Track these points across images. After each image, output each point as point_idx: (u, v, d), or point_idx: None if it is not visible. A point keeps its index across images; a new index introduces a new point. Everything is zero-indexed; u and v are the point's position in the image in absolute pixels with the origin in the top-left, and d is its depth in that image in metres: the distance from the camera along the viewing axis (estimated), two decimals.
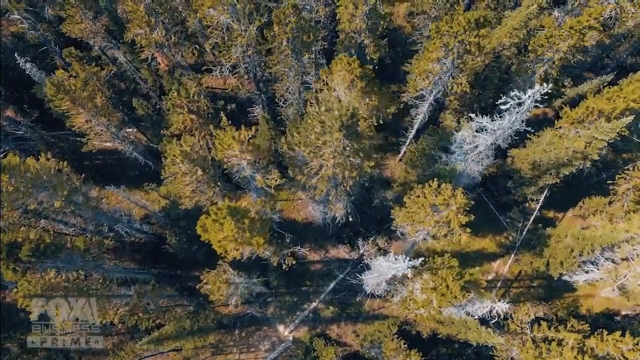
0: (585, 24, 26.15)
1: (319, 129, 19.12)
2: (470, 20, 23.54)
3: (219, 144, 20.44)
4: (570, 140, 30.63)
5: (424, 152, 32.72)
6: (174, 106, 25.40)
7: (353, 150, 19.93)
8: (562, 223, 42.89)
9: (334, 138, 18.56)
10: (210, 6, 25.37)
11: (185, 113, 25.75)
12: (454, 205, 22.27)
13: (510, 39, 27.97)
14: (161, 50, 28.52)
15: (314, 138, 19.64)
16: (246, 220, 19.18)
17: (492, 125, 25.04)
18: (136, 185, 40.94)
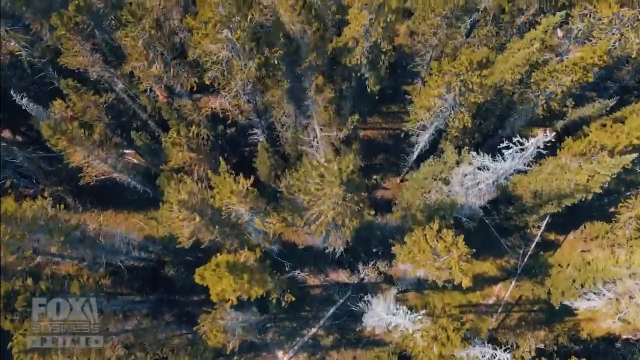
0: (589, 61, 25.81)
1: (318, 180, 18.87)
2: (473, 61, 23.21)
3: (217, 193, 20.18)
4: (572, 172, 30.35)
5: (425, 182, 32.42)
6: (173, 145, 25.12)
7: (354, 201, 19.69)
8: (563, 246, 42.71)
9: (334, 193, 18.34)
10: (210, 42, 24.98)
11: (185, 151, 25.48)
12: (456, 253, 22.02)
13: (512, 76, 27.62)
14: (160, 82, 28.15)
15: (313, 189, 19.40)
16: (245, 275, 18.97)
17: (494, 165, 24.76)
18: (135, 208, 40.72)
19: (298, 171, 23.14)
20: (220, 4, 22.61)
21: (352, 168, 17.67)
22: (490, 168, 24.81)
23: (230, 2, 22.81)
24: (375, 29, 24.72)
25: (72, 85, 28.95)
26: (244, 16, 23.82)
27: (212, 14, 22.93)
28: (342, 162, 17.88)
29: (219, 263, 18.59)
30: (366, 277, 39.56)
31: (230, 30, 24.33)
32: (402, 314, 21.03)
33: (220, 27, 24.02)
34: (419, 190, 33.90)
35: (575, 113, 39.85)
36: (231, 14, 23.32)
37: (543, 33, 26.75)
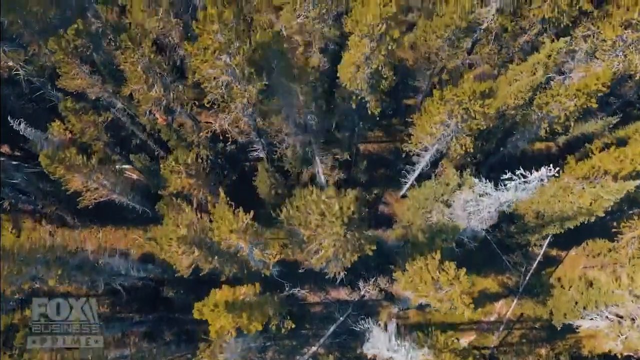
0: (593, 87, 25.53)
1: (319, 217, 18.64)
2: (476, 91, 22.93)
3: (216, 228, 19.95)
4: (575, 195, 30.08)
5: (426, 203, 32.18)
6: (171, 172, 24.88)
7: (355, 238, 19.46)
8: (565, 262, 42.48)
9: (334, 231, 18.11)
10: (209, 67, 24.72)
11: (184, 178, 25.24)
12: (458, 287, 21.79)
13: (515, 101, 27.33)
14: (159, 104, 27.91)
15: (313, 225, 19.17)
16: (244, 314, 18.76)
17: (496, 194, 24.52)
18: (134, 225, 40.49)
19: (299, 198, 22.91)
20: (219, 32, 22.30)
21: (353, 209, 17.43)
22: (493, 196, 24.55)
23: (229, 30, 22.53)
24: (376, 56, 24.41)
25: (70, 107, 28.65)
26: (243, 42, 23.55)
27: (211, 41, 22.64)
28: (344, 201, 17.65)
29: (217, 303, 18.38)
30: (367, 295, 39.38)
31: (230, 56, 24.06)
32: (404, 352, 20.81)
33: (219, 53, 23.75)
34: (420, 210, 33.68)
35: (577, 129, 39.64)
36: (230, 40, 23.04)
37: (546, 58, 26.44)
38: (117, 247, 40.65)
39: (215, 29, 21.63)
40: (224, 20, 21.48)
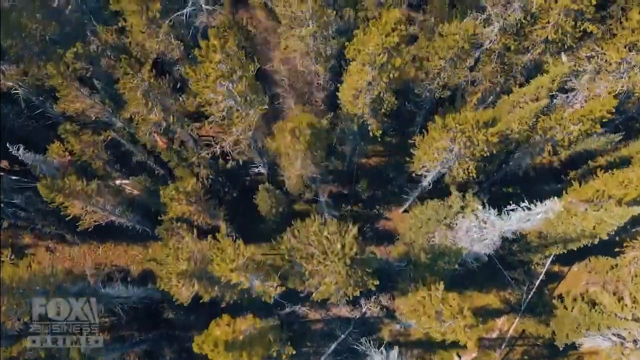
0: (598, 114, 25.28)
1: (320, 255, 18.41)
2: (479, 121, 22.69)
3: (216, 264, 19.71)
4: (579, 217, 29.85)
5: (428, 224, 31.95)
6: (171, 200, 24.65)
7: (357, 275, 19.25)
8: (567, 277, 42.26)
9: (336, 270, 17.89)
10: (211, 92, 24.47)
11: (184, 205, 25.01)
12: (462, 321, 21.57)
13: (519, 126, 27.06)
14: (159, 127, 27.67)
15: (315, 262, 18.96)
16: (245, 352, 18.55)
17: (500, 222, 24.30)
18: (134, 240, 40.25)
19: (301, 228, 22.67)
20: (223, 62, 22.02)
21: (355, 250, 17.20)
22: (496, 225, 24.32)
23: (232, 59, 22.26)
24: (378, 83, 24.16)
25: (70, 129, 28.39)
26: (245, 71, 23.30)
27: (213, 70, 22.38)
28: (346, 239, 17.40)
29: (217, 342, 18.15)
30: (368, 312, 39.18)
31: (232, 83, 23.80)
32: None
33: (222, 80, 23.49)
34: (423, 229, 33.46)
35: (580, 145, 39.33)
36: (232, 69, 22.77)
37: (550, 82, 26.18)
38: (117, 264, 40.73)
39: (217, 59, 21.35)
40: (227, 50, 21.19)
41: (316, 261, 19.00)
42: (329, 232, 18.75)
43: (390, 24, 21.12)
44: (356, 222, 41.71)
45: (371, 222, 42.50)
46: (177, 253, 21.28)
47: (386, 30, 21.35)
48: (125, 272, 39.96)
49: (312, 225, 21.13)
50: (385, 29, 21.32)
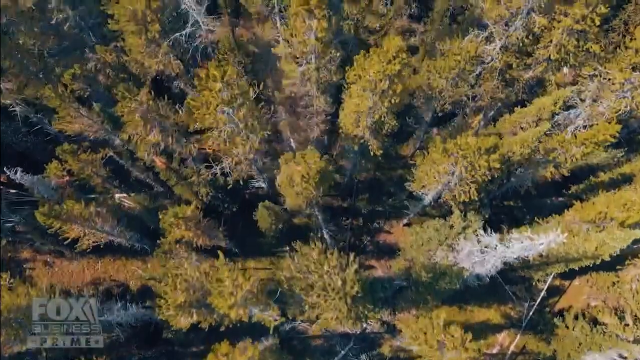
0: (601, 138, 25.04)
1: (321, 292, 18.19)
2: (481, 148, 22.44)
3: (214, 299, 19.49)
4: (581, 238, 29.63)
5: (430, 243, 31.73)
6: (170, 225, 24.44)
7: (358, 310, 19.04)
8: (568, 291, 42.06)
9: (337, 308, 17.69)
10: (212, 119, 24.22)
11: (183, 230, 24.80)
12: (464, 354, 21.35)
13: (521, 149, 26.82)
14: (157, 148, 27.43)
15: (315, 297, 18.74)
16: None
17: (502, 248, 24.09)
18: (133, 255, 40.03)
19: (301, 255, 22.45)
20: (224, 90, 21.74)
21: (357, 289, 16.99)
22: (498, 251, 24.12)
23: (232, 87, 21.99)
24: (379, 107, 23.91)
25: (67, 149, 28.15)
26: (246, 98, 23.04)
27: (214, 98, 22.10)
28: (347, 276, 17.18)
29: None
30: (369, 327, 38.95)
31: (233, 109, 23.54)
32: None
33: (222, 106, 23.23)
34: (424, 247, 33.23)
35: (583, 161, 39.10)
36: (233, 97, 22.49)
37: (553, 105, 25.93)
38: (116, 278, 40.49)
39: (218, 88, 21.08)
40: (227, 80, 20.93)
41: (316, 295, 18.78)
42: (329, 266, 18.51)
43: (391, 51, 20.88)
44: (357, 236, 42.35)
45: (372, 235, 42.32)
46: (175, 282, 21.02)
47: (387, 57, 21.11)
48: (124, 287, 39.80)
49: (312, 253, 20.87)
50: (387, 57, 21.07)
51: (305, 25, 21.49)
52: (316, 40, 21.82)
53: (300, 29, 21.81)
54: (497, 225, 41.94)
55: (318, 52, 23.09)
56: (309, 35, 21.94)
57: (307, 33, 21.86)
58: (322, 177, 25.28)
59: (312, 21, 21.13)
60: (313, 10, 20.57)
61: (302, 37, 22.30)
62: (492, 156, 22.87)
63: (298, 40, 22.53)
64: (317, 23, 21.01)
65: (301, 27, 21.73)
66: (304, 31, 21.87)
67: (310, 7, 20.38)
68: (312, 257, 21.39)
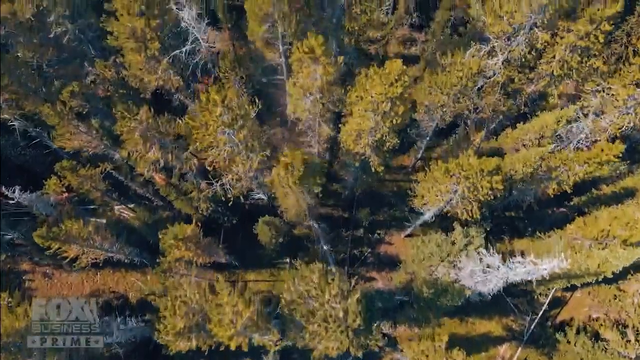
0: (604, 158, 24.82)
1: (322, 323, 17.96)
2: (484, 170, 22.22)
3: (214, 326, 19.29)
4: (583, 255, 29.41)
5: (431, 259, 31.54)
6: (170, 246, 24.22)
7: (360, 340, 18.83)
8: (570, 302, 41.85)
9: (338, 339, 17.48)
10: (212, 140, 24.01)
11: (183, 250, 24.60)
12: None
13: (523, 168, 26.59)
14: (157, 165, 27.20)
15: (315, 324, 18.53)
16: None
17: (504, 269, 23.89)
18: (132, 267, 39.83)
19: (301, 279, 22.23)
20: (225, 113, 21.51)
21: (359, 322, 16.77)
22: (501, 271, 23.92)
23: (233, 110, 21.77)
24: (380, 127, 23.69)
25: (66, 166, 27.93)
26: (246, 120, 22.81)
27: (214, 121, 21.88)
28: (349, 306, 16.96)
29: None
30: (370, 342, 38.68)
31: (233, 131, 23.32)
32: None
33: (222, 128, 23.02)
34: (425, 262, 33.05)
35: None
36: (234, 119, 22.25)
37: (555, 123, 25.70)
38: (115, 290, 40.27)
39: (218, 113, 20.85)
40: (228, 103, 20.70)
41: (316, 324, 18.57)
42: (330, 294, 18.28)
43: (394, 74, 20.64)
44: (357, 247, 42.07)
45: (372, 246, 42.08)
46: (174, 305, 20.81)
47: (389, 80, 20.87)
48: (123, 299, 39.61)
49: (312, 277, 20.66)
50: (389, 79, 20.83)
51: (310, 70, 21.29)
52: (321, 82, 21.60)
53: (306, 73, 21.61)
54: (499, 235, 42.04)
55: (323, 91, 22.84)
56: (314, 78, 21.75)
57: (313, 76, 21.67)
58: (307, 168, 24.43)
59: (317, 67, 20.90)
60: (318, 58, 20.34)
61: (306, 79, 22.12)
62: (494, 177, 22.65)
63: (302, 82, 22.36)
64: (323, 69, 20.81)
65: (307, 72, 21.53)
66: (309, 75, 21.68)
67: (315, 55, 20.16)
68: (313, 280, 21.21)
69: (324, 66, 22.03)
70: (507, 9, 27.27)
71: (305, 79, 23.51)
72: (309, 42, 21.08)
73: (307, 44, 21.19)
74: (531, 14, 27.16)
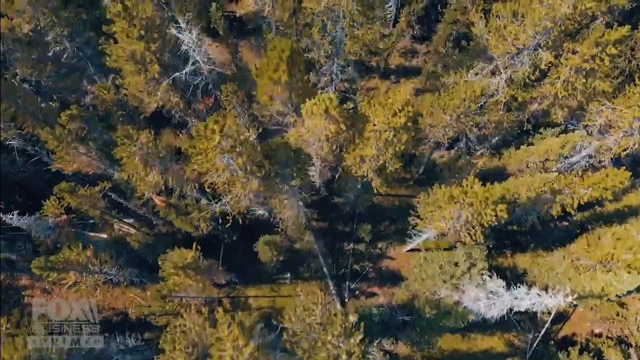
0: (610, 183, 24.52)
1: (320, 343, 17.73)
2: (488, 198, 21.92)
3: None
4: (587, 277, 29.20)
5: (435, 279, 31.25)
6: (169, 275, 23.93)
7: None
8: (572, 317, 41.63)
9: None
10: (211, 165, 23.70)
11: (183, 278, 24.30)
12: None
13: (527, 192, 26.30)
14: (157, 188, 26.91)
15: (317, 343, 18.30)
16: None
17: (509, 296, 23.63)
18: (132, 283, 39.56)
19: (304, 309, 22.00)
20: (223, 141, 21.19)
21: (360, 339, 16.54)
22: (505, 300, 23.65)
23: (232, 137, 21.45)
24: (383, 153, 23.38)
25: (65, 188, 27.61)
26: (246, 146, 22.51)
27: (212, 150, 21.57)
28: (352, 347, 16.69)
29: None
30: (371, 357, 38.47)
31: (232, 157, 23.01)
32: None
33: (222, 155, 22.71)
34: (427, 281, 32.75)
35: None
36: (233, 146, 21.93)
37: (561, 147, 25.39)
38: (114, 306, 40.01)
39: (217, 141, 20.54)
40: (226, 132, 20.39)
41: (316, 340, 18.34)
42: (332, 335, 17.99)
43: (397, 105, 20.32)
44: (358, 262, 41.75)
45: (374, 261, 41.80)
46: (174, 338, 20.56)
47: (393, 110, 20.55)
48: (123, 316, 39.37)
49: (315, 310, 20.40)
50: (392, 109, 20.52)
51: (321, 123, 20.96)
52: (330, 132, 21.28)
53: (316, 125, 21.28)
54: (501, 250, 41.79)
55: (330, 137, 22.53)
56: (324, 129, 21.43)
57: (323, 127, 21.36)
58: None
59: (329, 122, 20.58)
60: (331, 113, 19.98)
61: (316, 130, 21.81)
62: (499, 206, 22.36)
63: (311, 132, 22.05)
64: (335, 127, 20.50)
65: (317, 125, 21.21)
66: (319, 127, 21.36)
67: (329, 113, 19.81)
68: (315, 313, 20.96)
69: (336, 122, 21.61)
70: (512, 29, 26.95)
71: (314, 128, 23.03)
72: (323, 104, 20.41)
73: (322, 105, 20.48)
74: (536, 34, 26.84)
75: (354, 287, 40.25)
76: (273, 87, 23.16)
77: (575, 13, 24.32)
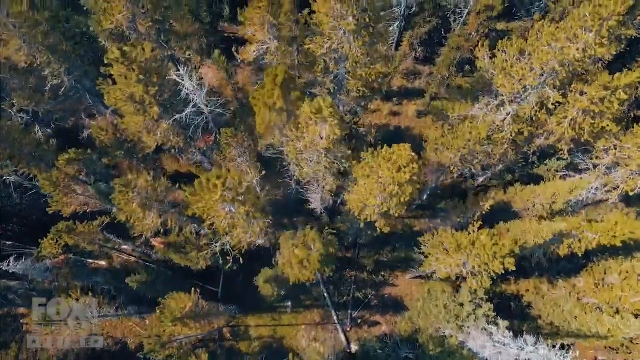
0: (619, 232, 24.00)
1: None
2: (497, 253, 21.41)
3: None
4: (593, 317, 28.72)
5: (439, 316, 30.74)
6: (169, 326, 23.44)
7: None
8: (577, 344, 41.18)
9: None
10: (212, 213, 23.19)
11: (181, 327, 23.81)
12: None
13: (535, 239, 25.77)
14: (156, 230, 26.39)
15: None
16: None
17: (514, 347, 23.13)
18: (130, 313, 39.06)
19: None
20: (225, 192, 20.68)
21: None
22: (512, 349, 23.16)
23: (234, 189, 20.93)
24: (387, 202, 22.86)
25: (62, 228, 27.10)
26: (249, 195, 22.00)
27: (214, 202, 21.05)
28: None
29: None
30: None
31: (234, 205, 22.51)
32: None
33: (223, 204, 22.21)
34: (431, 318, 32.24)
35: None
36: (234, 196, 21.42)
37: (569, 193, 24.87)
38: (113, 335, 39.54)
39: (219, 195, 20.03)
40: (227, 185, 19.88)
41: None
42: None
43: (401, 161, 19.79)
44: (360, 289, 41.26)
45: (376, 289, 41.31)
46: None
47: (397, 165, 20.02)
48: (122, 345, 38.94)
49: None
50: (396, 165, 19.99)
51: (316, 130, 20.40)
52: (327, 142, 20.71)
53: (311, 133, 20.72)
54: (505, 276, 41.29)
55: (329, 150, 21.98)
56: (320, 137, 20.86)
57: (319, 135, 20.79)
58: (323, 261, 24.27)
59: (323, 128, 20.01)
60: (326, 118, 19.44)
61: (311, 140, 21.24)
62: (507, 259, 21.85)
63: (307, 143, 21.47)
64: (330, 129, 19.89)
65: (312, 132, 20.65)
66: (314, 136, 20.80)
67: (323, 116, 19.26)
68: None
69: (331, 126, 21.10)
70: (519, 69, 26.38)
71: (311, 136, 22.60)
72: (317, 104, 20.01)
73: (315, 105, 20.11)
74: (543, 73, 26.28)
75: (357, 316, 39.74)
76: (269, 114, 22.69)
77: (585, 57, 23.72)
